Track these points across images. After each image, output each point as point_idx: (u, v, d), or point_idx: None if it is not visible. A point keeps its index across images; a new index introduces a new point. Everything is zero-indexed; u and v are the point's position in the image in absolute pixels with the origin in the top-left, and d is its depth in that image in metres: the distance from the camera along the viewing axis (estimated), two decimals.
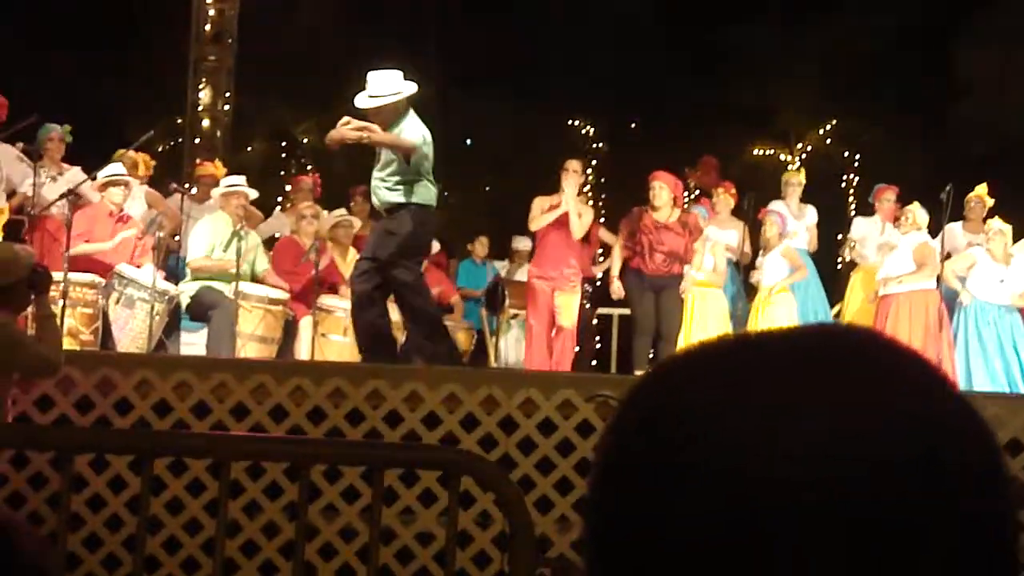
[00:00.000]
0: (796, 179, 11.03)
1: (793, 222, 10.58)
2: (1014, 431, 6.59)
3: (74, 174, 9.53)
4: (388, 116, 7.82)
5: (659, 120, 18.76)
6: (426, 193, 7.93)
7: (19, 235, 8.82)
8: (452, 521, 3.50)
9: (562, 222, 9.60)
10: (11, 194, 9.34)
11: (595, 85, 18.74)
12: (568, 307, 9.65)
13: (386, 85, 7.87)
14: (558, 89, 18.63)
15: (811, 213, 10.87)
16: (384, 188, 7.90)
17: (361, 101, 7.89)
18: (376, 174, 7.96)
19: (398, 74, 7.94)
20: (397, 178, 7.85)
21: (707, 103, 18.12)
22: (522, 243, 12.38)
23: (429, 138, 7.95)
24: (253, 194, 9.67)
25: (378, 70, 7.96)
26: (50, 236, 9.17)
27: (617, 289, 9.70)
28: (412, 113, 7.94)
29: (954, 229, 10.39)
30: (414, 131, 7.84)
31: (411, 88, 7.92)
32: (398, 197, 7.84)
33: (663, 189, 9.57)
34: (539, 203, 9.72)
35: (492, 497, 6.06)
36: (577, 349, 10.18)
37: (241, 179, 9.68)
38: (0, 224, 8.77)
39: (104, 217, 9.27)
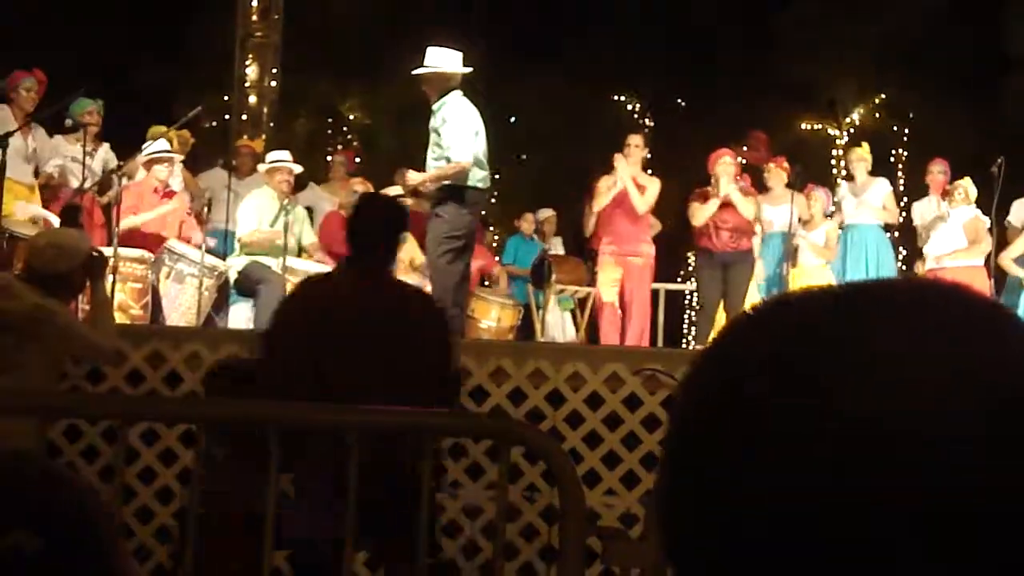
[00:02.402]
0: (855, 155, 10.81)
1: (851, 199, 10.44)
2: None
3: (105, 151, 9.59)
4: (436, 86, 7.93)
5: (705, 95, 18.64)
6: (475, 176, 7.97)
7: (77, 220, 8.82)
8: (502, 492, 3.50)
9: (624, 198, 9.58)
10: (36, 173, 9.30)
11: (641, 60, 18.63)
12: (642, 281, 9.69)
13: (441, 58, 7.97)
14: (603, 64, 18.53)
15: (876, 188, 10.53)
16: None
17: (417, 70, 8.03)
18: (430, 158, 7.99)
19: (457, 55, 8.03)
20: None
21: (753, 77, 17.96)
22: (543, 214, 12.45)
23: (478, 124, 8.01)
24: (297, 169, 9.70)
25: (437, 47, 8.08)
26: (86, 212, 9.22)
27: None
28: (460, 95, 7.98)
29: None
30: (452, 122, 7.87)
31: (463, 68, 8.00)
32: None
33: (725, 164, 9.55)
34: (604, 183, 9.73)
35: (540, 470, 6.08)
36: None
37: (285, 154, 9.70)
38: (31, 203, 8.77)
39: (149, 193, 9.35)
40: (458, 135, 7.85)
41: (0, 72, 9.21)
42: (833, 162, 17.60)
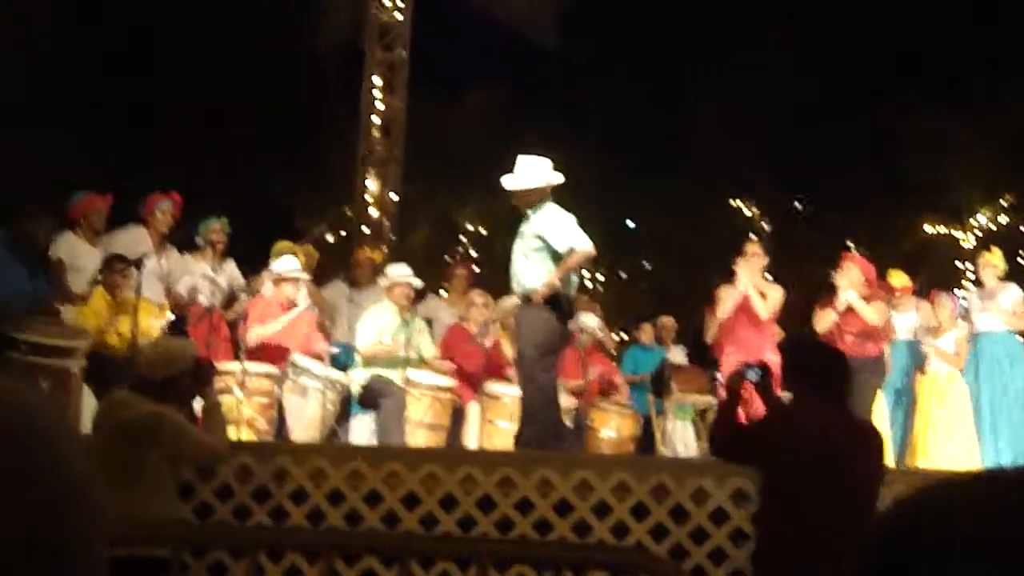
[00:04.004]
0: (983, 260, 10.52)
1: (979, 306, 10.18)
2: None
3: (231, 268, 9.81)
4: (531, 200, 7.93)
5: (824, 199, 18.51)
6: (573, 281, 7.99)
7: (182, 329, 9.07)
8: None
9: (746, 305, 9.50)
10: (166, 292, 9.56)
11: (757, 164, 18.62)
12: None
13: (533, 169, 8.01)
14: (720, 169, 18.56)
15: (1007, 294, 10.24)
16: (528, 275, 7.91)
17: (508, 182, 8.03)
18: (521, 262, 7.98)
19: (547, 162, 8.06)
20: (548, 266, 7.87)
21: (874, 180, 17.80)
22: (667, 320, 12.34)
23: (575, 222, 8.01)
24: (417, 283, 9.78)
25: (528, 155, 8.09)
26: (213, 328, 9.43)
27: None
28: (551, 202, 8.01)
29: None
30: (557, 220, 7.91)
31: (557, 177, 8.03)
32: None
33: (852, 269, 9.43)
34: (725, 291, 9.67)
35: None
36: None
37: (405, 269, 9.81)
38: (163, 321, 9.02)
39: (275, 308, 9.51)
40: (570, 227, 7.89)
41: (137, 194, 9.55)
42: (959, 265, 17.27)
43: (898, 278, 10.49)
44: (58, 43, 13.90)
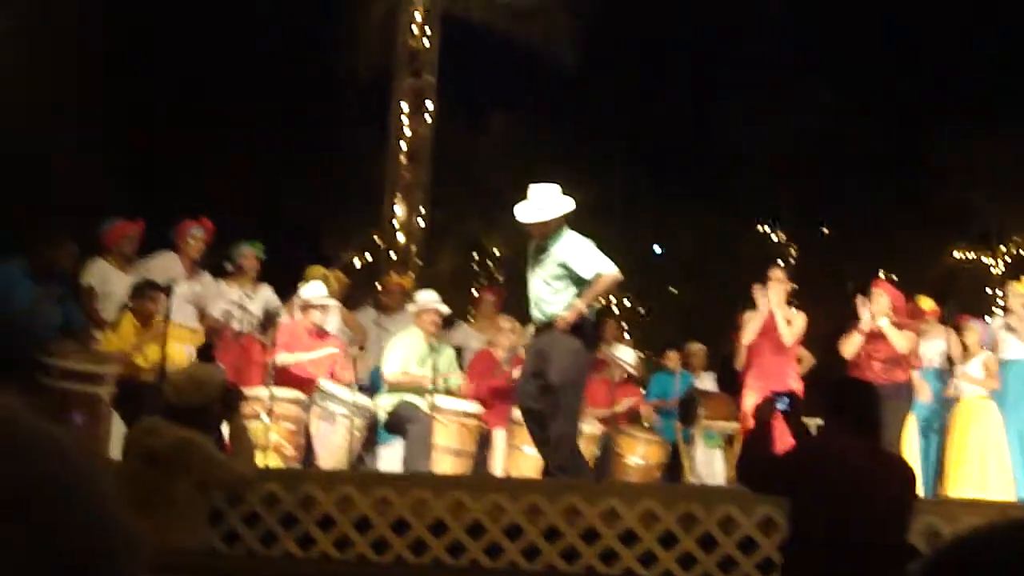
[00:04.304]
0: (1012, 290, 10.42)
1: (1007, 335, 10.09)
2: None
3: (268, 295, 9.84)
4: (548, 230, 7.89)
5: (851, 223, 18.44)
6: (595, 308, 8.01)
7: (210, 355, 9.10)
8: None
9: (770, 331, 9.46)
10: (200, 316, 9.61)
11: (786, 189, 18.57)
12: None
13: (547, 199, 7.93)
14: (748, 194, 18.52)
15: None
16: (552, 303, 7.89)
17: (523, 214, 7.95)
18: (542, 288, 7.95)
19: (557, 188, 7.99)
20: (571, 292, 7.86)
21: (902, 204, 17.73)
22: (697, 347, 12.25)
23: (595, 247, 7.99)
24: (445, 310, 9.78)
25: (539, 183, 8.03)
26: (245, 353, 9.46)
27: None
28: (567, 229, 7.99)
29: None
30: (580, 247, 7.89)
31: (571, 204, 7.97)
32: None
33: (881, 296, 9.39)
34: (747, 316, 9.64)
35: None
36: None
37: (433, 295, 9.81)
38: (193, 346, 9.05)
39: (303, 333, 9.54)
40: (594, 253, 7.88)
41: (165, 219, 9.61)
42: (989, 291, 17.16)
43: (925, 302, 10.45)
44: (84, 68, 14.03)
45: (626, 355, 10.86)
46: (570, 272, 7.84)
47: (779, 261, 16.12)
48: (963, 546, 0.85)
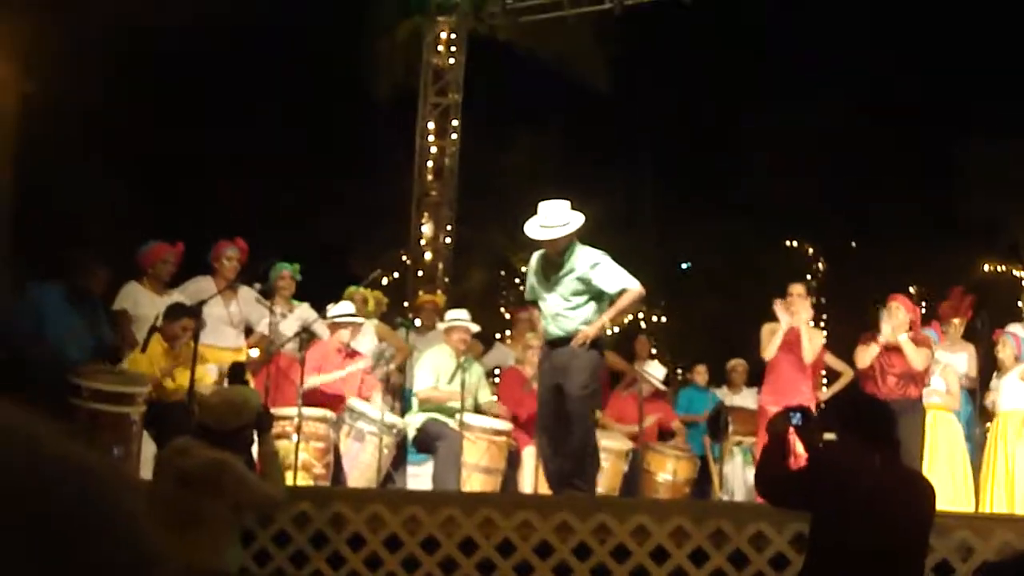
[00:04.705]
0: None
1: None
2: None
3: (304, 311, 9.85)
4: (561, 245, 7.89)
5: (880, 237, 18.36)
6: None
7: (243, 377, 9.08)
8: None
9: (791, 347, 9.42)
10: (248, 332, 9.70)
11: (813, 203, 18.51)
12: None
13: (559, 216, 7.92)
14: (775, 207, 18.47)
15: None
16: (571, 318, 7.89)
17: (535, 232, 7.93)
18: (560, 303, 7.92)
19: (567, 204, 7.99)
20: (592, 308, 7.87)
21: (929, 218, 17.64)
22: (737, 363, 12.20)
23: (611, 259, 8.00)
24: (475, 328, 9.79)
25: (549, 200, 8.01)
26: (282, 372, 9.48)
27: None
28: (579, 243, 7.99)
29: None
30: (602, 262, 7.90)
31: (581, 219, 7.96)
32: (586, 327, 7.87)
33: (899, 310, 9.31)
34: (767, 329, 9.59)
35: None
36: None
37: (463, 313, 9.83)
38: (216, 367, 9.01)
39: (333, 353, 9.56)
40: (617, 268, 7.89)
41: (195, 241, 9.65)
42: (1021, 304, 17.03)
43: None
44: (109, 92, 14.13)
45: (656, 371, 10.85)
46: (590, 287, 7.84)
47: (806, 276, 16.09)
48: (1005, 567, 0.85)
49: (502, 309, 14.43)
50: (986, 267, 18.22)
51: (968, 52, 18.06)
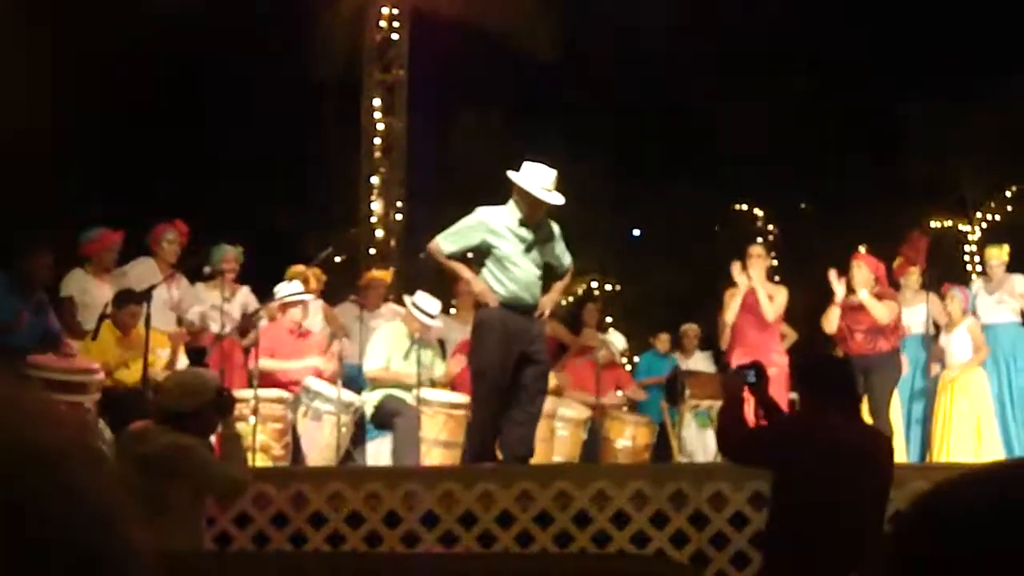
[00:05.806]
0: (991, 255, 10.55)
1: (986, 298, 10.19)
2: None
3: (244, 295, 9.80)
4: (542, 211, 7.86)
5: (829, 198, 18.48)
6: None
7: (202, 360, 9.03)
8: None
9: (752, 308, 9.48)
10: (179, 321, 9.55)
11: (762, 166, 18.58)
12: (777, 392, 9.51)
13: (554, 179, 7.87)
14: (725, 173, 18.53)
15: (1012, 283, 10.27)
16: (540, 286, 7.92)
17: (545, 195, 7.74)
18: (534, 271, 7.87)
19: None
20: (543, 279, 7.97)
21: (876, 178, 17.77)
22: (689, 328, 12.28)
23: None
24: (437, 324, 9.74)
25: (538, 163, 7.94)
26: (226, 355, 9.42)
27: None
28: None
29: None
30: (556, 229, 7.97)
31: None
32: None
33: (861, 267, 9.37)
34: (728, 294, 9.67)
35: None
36: None
37: (432, 302, 9.60)
38: (168, 350, 8.94)
39: (285, 334, 9.52)
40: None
41: (143, 225, 9.56)
42: (967, 259, 17.23)
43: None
44: (58, 82, 13.95)
45: (617, 340, 10.91)
46: (551, 257, 7.86)
47: (758, 239, 16.16)
48: (937, 495, 0.86)
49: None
50: (934, 223, 18.39)
51: (909, 11, 18.20)
